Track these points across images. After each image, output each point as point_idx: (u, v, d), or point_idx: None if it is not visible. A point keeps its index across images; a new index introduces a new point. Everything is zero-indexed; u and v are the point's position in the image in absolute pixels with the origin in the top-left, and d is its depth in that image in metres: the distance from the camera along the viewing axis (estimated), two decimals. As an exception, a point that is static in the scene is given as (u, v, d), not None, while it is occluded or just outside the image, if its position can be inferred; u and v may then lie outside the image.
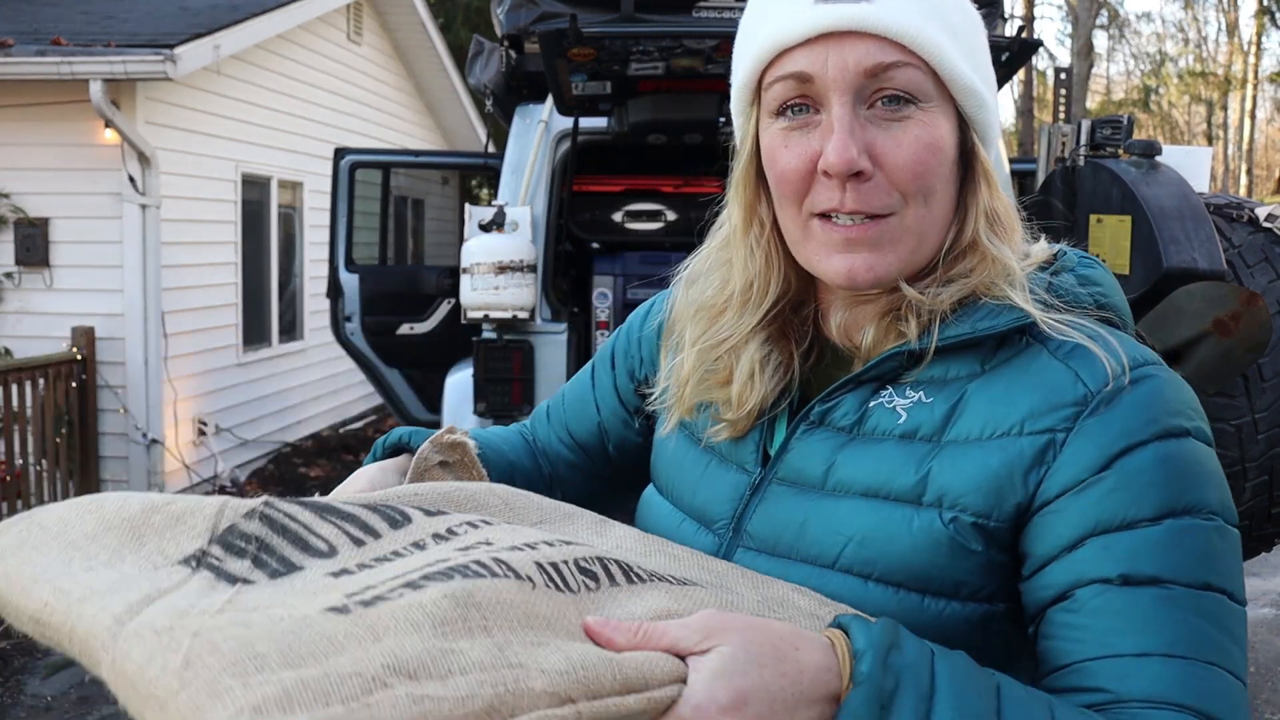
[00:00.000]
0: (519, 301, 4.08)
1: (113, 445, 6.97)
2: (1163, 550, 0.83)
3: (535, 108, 4.51)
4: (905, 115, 0.89)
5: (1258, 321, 2.69)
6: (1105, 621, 0.82)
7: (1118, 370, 0.87)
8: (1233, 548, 0.85)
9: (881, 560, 0.89)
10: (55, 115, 6.76)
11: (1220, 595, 0.83)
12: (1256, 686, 4.80)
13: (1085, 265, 0.98)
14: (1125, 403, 0.86)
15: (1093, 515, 0.84)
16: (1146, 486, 0.84)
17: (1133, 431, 0.85)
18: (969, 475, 0.87)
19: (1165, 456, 0.84)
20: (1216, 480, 0.87)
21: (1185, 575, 0.82)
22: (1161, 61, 33.58)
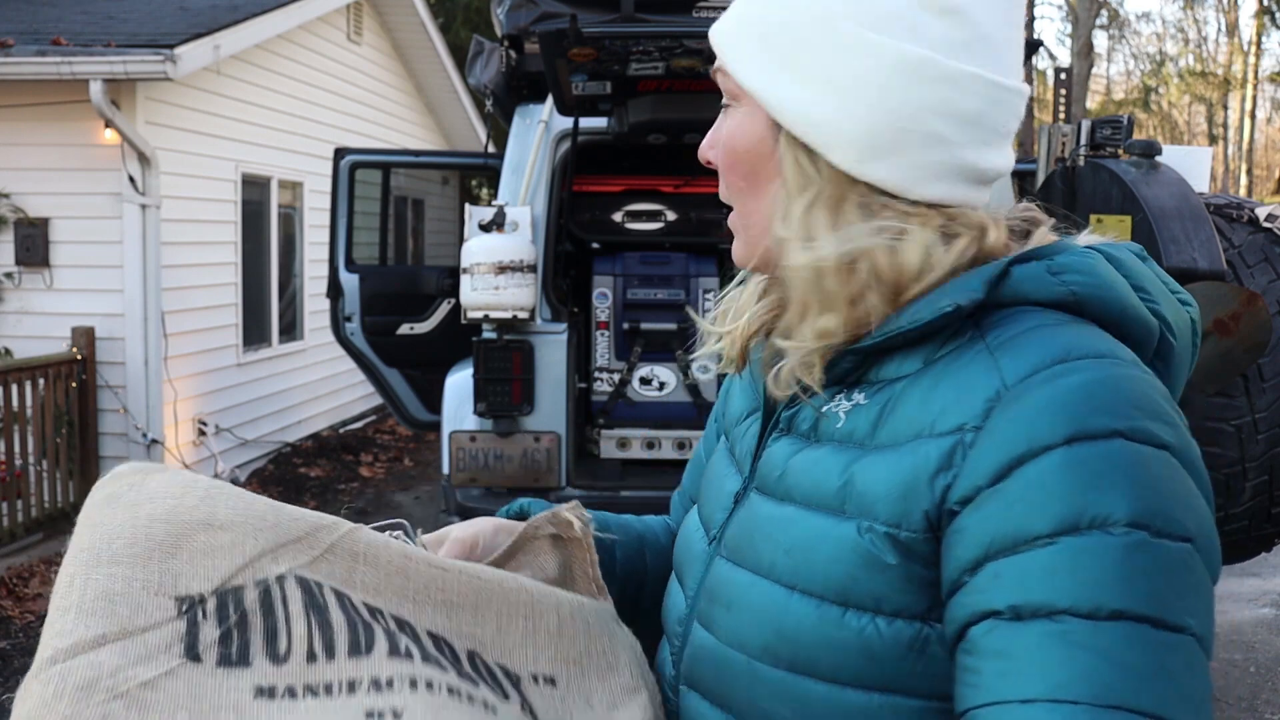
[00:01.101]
0: (519, 301, 4.08)
1: (113, 445, 6.97)
2: (1055, 575, 0.73)
3: (535, 108, 4.51)
4: (728, 113, 0.96)
5: (1257, 321, 2.69)
6: (993, 663, 0.74)
7: (1046, 361, 0.79)
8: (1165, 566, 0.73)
9: (805, 571, 0.85)
10: (55, 115, 6.77)
11: (1137, 624, 0.71)
12: (1257, 686, 4.80)
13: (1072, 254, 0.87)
14: (1039, 397, 0.77)
15: (988, 533, 0.76)
16: (1045, 499, 0.75)
17: (1039, 432, 0.76)
18: (882, 481, 0.83)
19: (1073, 462, 0.75)
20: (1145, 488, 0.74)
21: (1083, 603, 0.72)
22: (1161, 61, 33.58)
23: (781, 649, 0.86)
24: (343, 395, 10.08)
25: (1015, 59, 0.90)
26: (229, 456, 7.98)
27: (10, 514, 6.16)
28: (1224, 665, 5.01)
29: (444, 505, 4.29)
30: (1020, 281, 0.85)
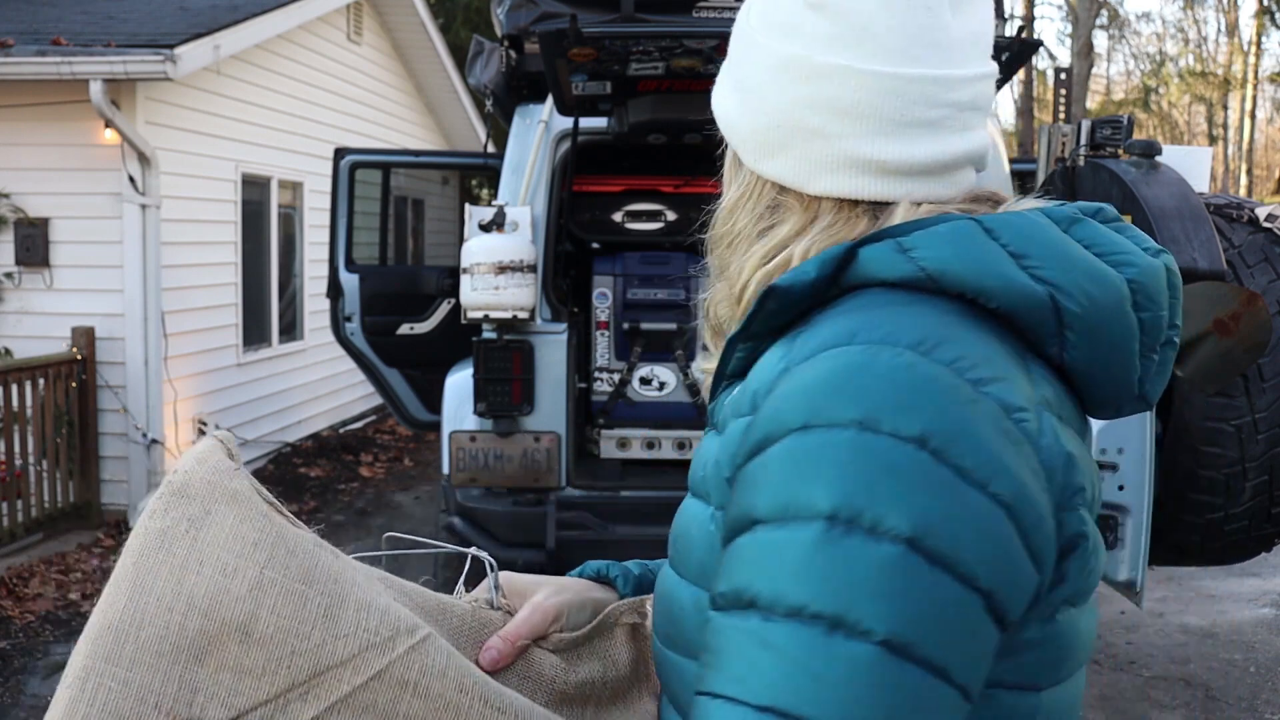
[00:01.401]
0: (519, 301, 4.08)
1: (113, 445, 6.97)
2: (749, 564, 0.72)
3: (535, 108, 4.50)
4: None
5: (1257, 321, 2.69)
6: (705, 653, 0.75)
7: (822, 345, 0.77)
8: (860, 564, 0.68)
9: (682, 557, 0.88)
10: (55, 115, 6.77)
11: (812, 622, 0.68)
12: (1257, 686, 4.80)
13: (932, 230, 0.82)
14: (796, 381, 0.76)
15: (729, 516, 0.77)
16: (763, 485, 0.74)
17: (782, 416, 0.74)
18: (712, 464, 0.84)
19: (795, 450, 0.73)
20: (857, 481, 0.70)
21: (765, 596, 0.70)
22: (1161, 61, 33.58)
23: (673, 633, 0.88)
24: (343, 395, 10.08)
25: (908, 43, 0.85)
26: (229, 456, 7.97)
27: (10, 514, 6.16)
28: (1224, 665, 5.01)
29: (444, 505, 4.29)
30: (867, 262, 0.82)
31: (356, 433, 10.08)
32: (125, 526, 6.83)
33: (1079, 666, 0.84)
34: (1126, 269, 0.83)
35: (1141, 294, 0.83)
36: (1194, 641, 5.29)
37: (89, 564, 6.15)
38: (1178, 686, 4.77)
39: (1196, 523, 3.10)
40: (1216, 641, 5.29)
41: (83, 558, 6.24)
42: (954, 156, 0.88)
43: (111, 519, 6.86)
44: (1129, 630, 5.41)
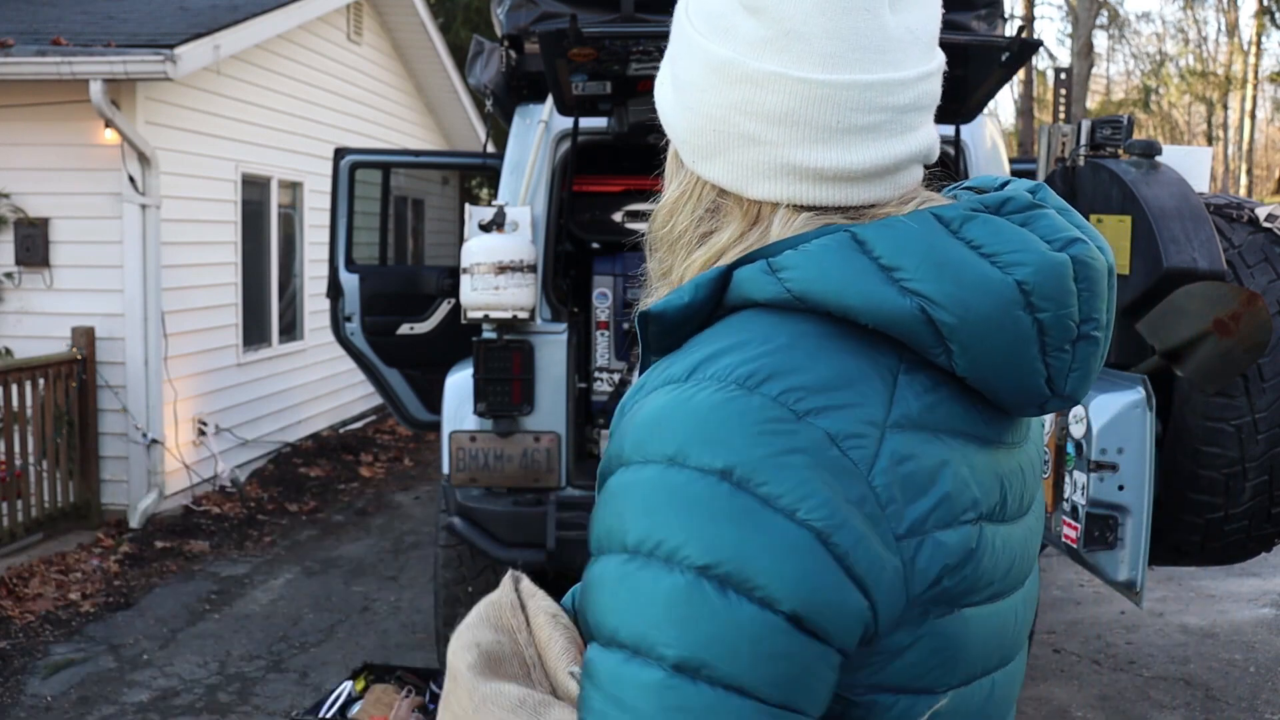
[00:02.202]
0: (519, 302, 4.07)
1: (113, 445, 6.97)
2: (587, 593, 0.79)
3: (535, 108, 4.50)
4: None
5: (1257, 321, 2.69)
6: None
7: (667, 379, 0.81)
8: (655, 595, 0.73)
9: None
10: (55, 115, 6.77)
11: (613, 650, 0.75)
12: (1257, 686, 4.80)
13: (805, 249, 0.82)
14: (634, 416, 0.81)
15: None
16: (597, 518, 0.80)
17: (617, 450, 0.80)
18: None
19: (618, 486, 0.78)
20: (655, 515, 0.74)
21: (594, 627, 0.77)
22: (1161, 61, 33.57)
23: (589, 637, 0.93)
24: (343, 395, 10.08)
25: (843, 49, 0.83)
26: (229, 456, 7.98)
27: (10, 514, 6.16)
28: (1224, 665, 5.01)
29: (444, 505, 4.29)
30: (740, 284, 0.83)
31: (356, 433, 10.08)
32: (125, 526, 6.83)
33: (992, 665, 0.85)
34: (1017, 269, 0.80)
35: (1036, 294, 0.80)
36: (1194, 641, 5.29)
37: (89, 564, 6.15)
38: (1178, 686, 4.77)
39: (1196, 523, 3.10)
40: (1216, 641, 5.29)
41: (83, 558, 6.24)
42: (896, 160, 0.86)
43: (111, 519, 6.86)
44: (1129, 630, 5.41)
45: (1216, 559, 3.35)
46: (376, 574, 6.24)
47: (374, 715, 4.05)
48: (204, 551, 6.58)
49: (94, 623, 5.39)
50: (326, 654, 5.05)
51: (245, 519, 7.28)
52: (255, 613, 5.59)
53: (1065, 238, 0.84)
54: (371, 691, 4.18)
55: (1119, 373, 3.00)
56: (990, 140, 4.44)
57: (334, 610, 5.63)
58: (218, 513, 7.32)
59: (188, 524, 7.01)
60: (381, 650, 5.04)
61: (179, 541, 6.67)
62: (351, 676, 4.31)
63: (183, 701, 4.52)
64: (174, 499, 7.26)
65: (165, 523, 6.97)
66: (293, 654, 5.05)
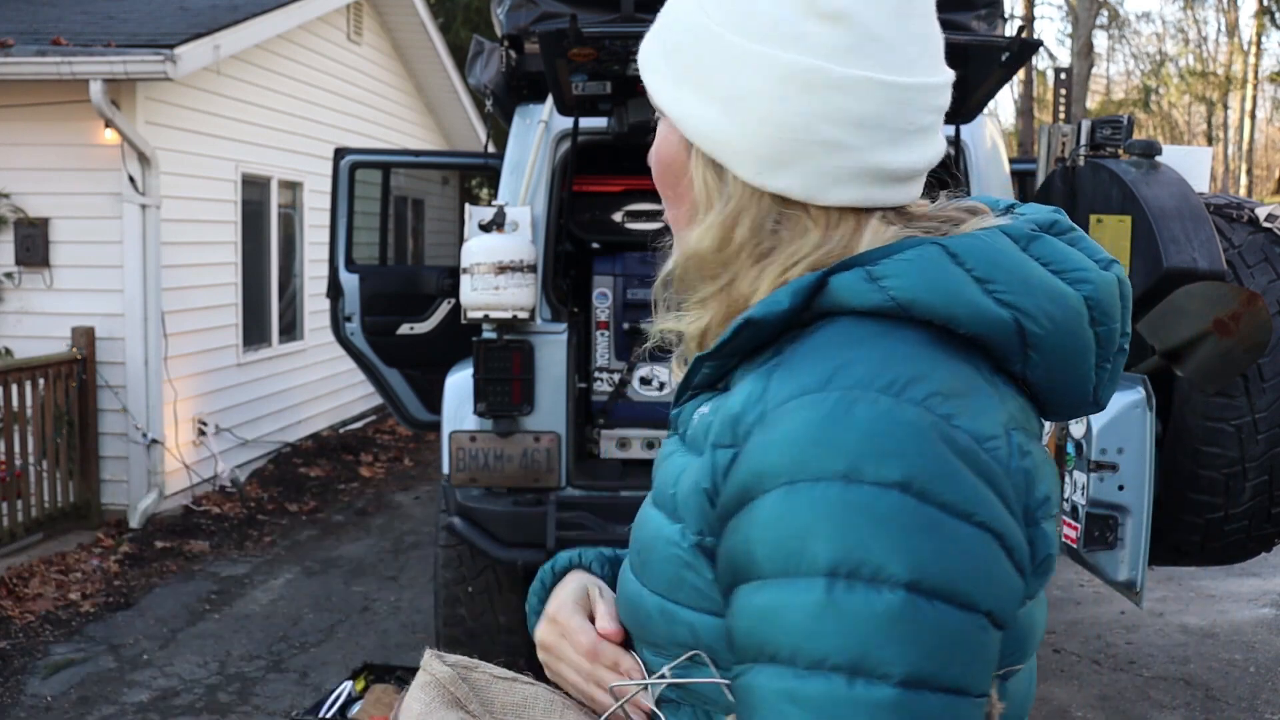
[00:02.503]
0: (519, 302, 4.07)
1: (113, 445, 6.97)
2: (764, 620, 0.76)
3: (535, 108, 4.50)
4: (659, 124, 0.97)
5: (1257, 321, 2.69)
6: (738, 706, 0.80)
7: (801, 389, 0.79)
8: (866, 615, 0.73)
9: (646, 568, 0.90)
10: (55, 115, 6.77)
11: (833, 674, 0.73)
12: (1257, 686, 4.80)
13: (901, 257, 0.83)
14: (781, 430, 0.78)
15: (730, 565, 0.80)
16: (765, 540, 0.76)
17: (771, 469, 0.77)
18: (689, 489, 0.85)
19: (789, 506, 0.76)
20: (850, 535, 0.74)
21: (784, 651, 0.75)
22: (1161, 61, 33.57)
23: (642, 635, 0.92)
24: (343, 395, 10.08)
25: (916, 52, 0.87)
26: (229, 456, 7.98)
27: (10, 514, 6.16)
28: (1224, 665, 5.01)
29: (444, 505, 4.29)
30: (837, 291, 0.84)
31: (356, 433, 10.08)
32: (125, 526, 6.83)
33: (1032, 653, 0.91)
34: (1082, 286, 0.86)
35: (1097, 310, 0.86)
36: (1194, 641, 5.29)
37: (89, 564, 6.15)
38: (1178, 686, 4.77)
39: (1196, 523, 3.10)
40: (1216, 641, 5.29)
41: (83, 558, 6.24)
42: (937, 157, 0.91)
43: (111, 519, 6.86)
44: (1129, 630, 5.41)
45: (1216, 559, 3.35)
46: (376, 574, 6.24)
47: (374, 715, 4.05)
48: (204, 551, 6.58)
49: (94, 623, 5.39)
50: (326, 654, 5.05)
51: (245, 519, 7.28)
52: (255, 613, 5.59)
53: (1105, 259, 0.90)
54: (371, 691, 4.18)
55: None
56: (990, 140, 4.44)
57: (334, 610, 5.63)
58: (218, 513, 7.32)
59: (188, 524, 7.01)
60: (381, 650, 5.04)
61: (179, 541, 6.67)
62: (351, 676, 4.31)
63: (183, 701, 4.52)
64: (174, 499, 7.26)
65: (165, 523, 6.97)
66: (293, 654, 5.05)
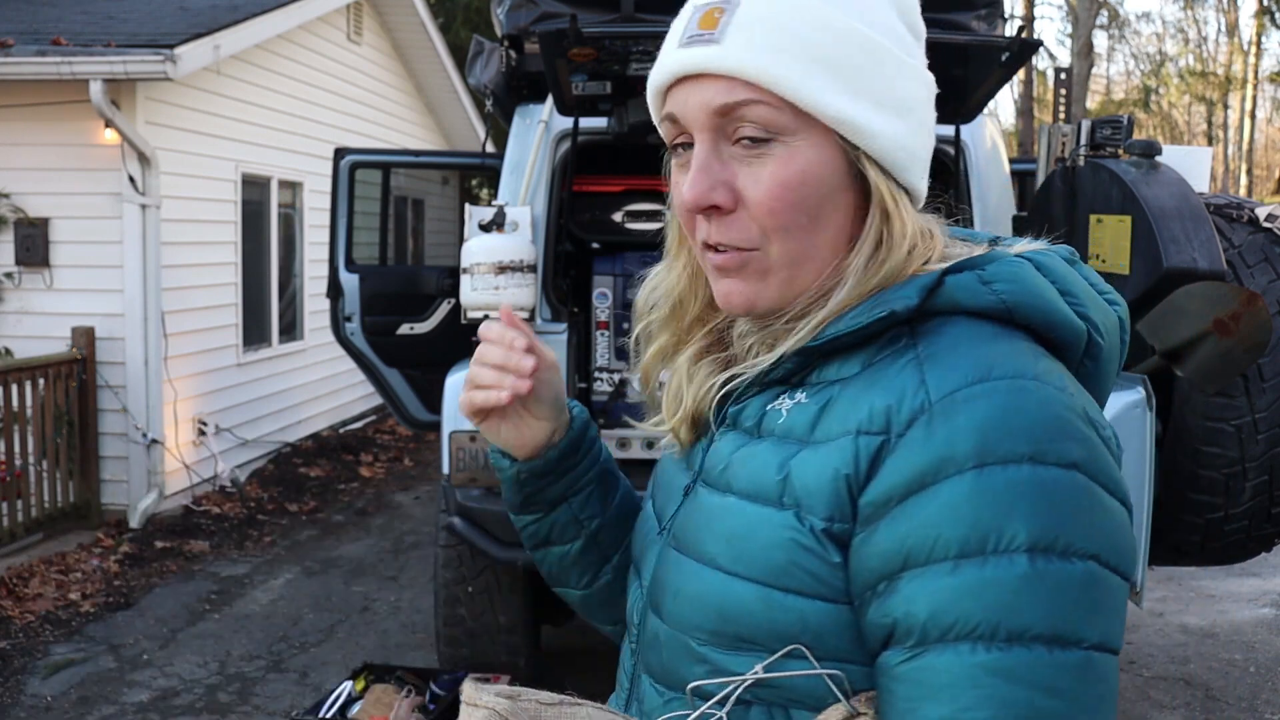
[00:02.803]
0: (519, 301, 4.07)
1: (113, 445, 6.97)
2: (959, 599, 0.78)
3: (535, 108, 4.50)
4: (763, 152, 0.91)
5: (1257, 321, 2.69)
6: (904, 687, 0.80)
7: (967, 379, 0.83)
8: (1063, 587, 0.77)
9: (744, 558, 0.89)
10: (55, 115, 6.77)
11: (1034, 645, 0.77)
12: (1257, 686, 4.80)
13: (1002, 264, 0.90)
14: (957, 418, 0.81)
15: (899, 549, 0.81)
16: (954, 522, 0.79)
17: (953, 454, 0.80)
18: (815, 475, 0.87)
19: (980, 488, 0.79)
20: (1046, 512, 0.79)
21: (985, 627, 0.77)
22: (1161, 61, 33.57)
23: (726, 630, 0.90)
24: (343, 395, 10.08)
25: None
26: (229, 456, 7.98)
27: (10, 514, 6.16)
28: (1224, 665, 5.01)
29: (444, 505, 4.28)
30: (953, 290, 0.89)
31: (356, 433, 10.08)
32: (125, 526, 6.83)
33: None
34: (1118, 306, 0.97)
35: (1124, 327, 0.97)
36: (1194, 641, 5.29)
37: (89, 564, 6.15)
38: (1178, 686, 4.77)
39: (1196, 523, 3.11)
40: (1216, 641, 5.29)
41: (83, 558, 6.24)
42: None
43: (111, 519, 6.86)
44: (1129, 630, 5.41)
45: (1216, 559, 3.35)
46: (376, 574, 6.24)
47: (374, 715, 4.05)
48: (204, 551, 6.58)
49: (94, 623, 5.39)
50: (326, 654, 5.05)
51: (245, 519, 7.28)
52: (255, 613, 5.59)
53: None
54: (371, 691, 4.18)
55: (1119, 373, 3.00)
56: (990, 140, 4.44)
57: (334, 610, 5.63)
58: (218, 513, 7.32)
59: (188, 524, 7.01)
60: (381, 650, 5.04)
61: (179, 541, 6.67)
62: (351, 676, 4.31)
63: (183, 701, 4.52)
64: (174, 499, 7.26)
65: (165, 523, 6.97)
66: (293, 654, 5.05)
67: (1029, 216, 3.89)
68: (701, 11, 0.92)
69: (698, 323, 1.06)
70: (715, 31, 0.90)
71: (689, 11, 0.94)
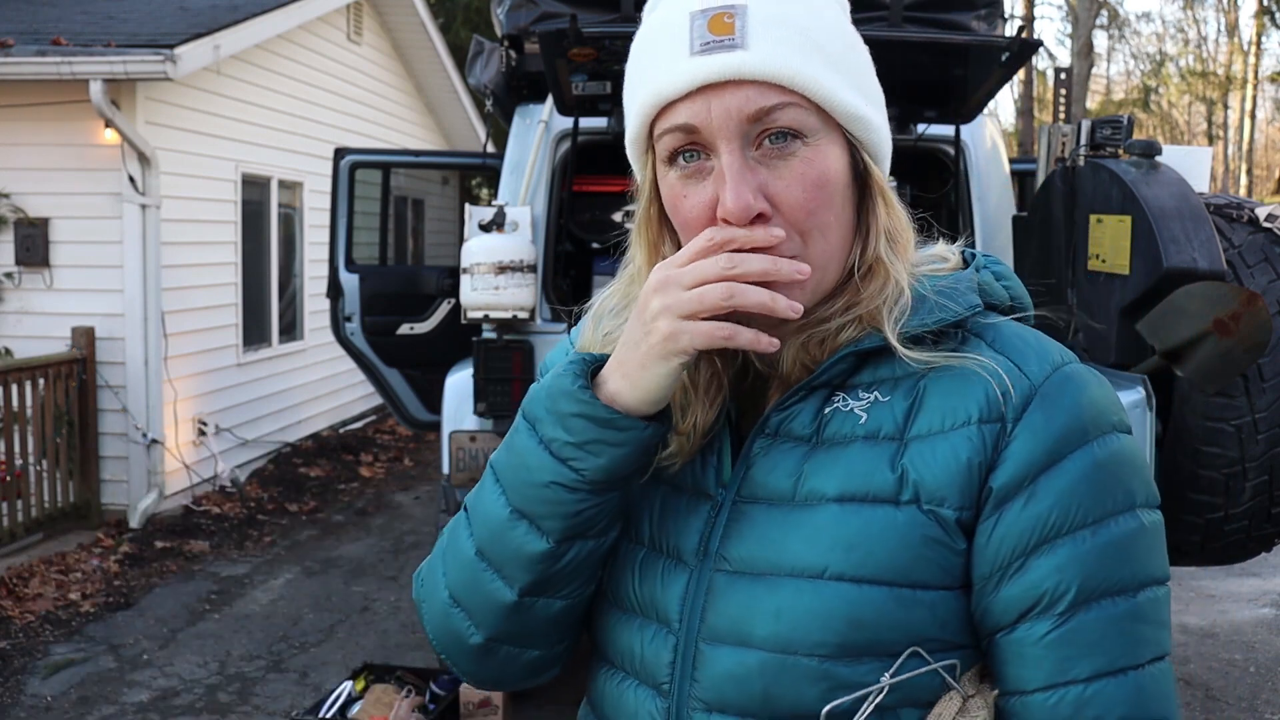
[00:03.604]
0: (519, 302, 4.07)
1: (113, 445, 6.97)
2: (1106, 560, 0.87)
3: (535, 108, 4.50)
4: (792, 152, 0.90)
5: (1257, 321, 2.69)
6: (1056, 650, 0.87)
7: (1054, 364, 0.92)
8: (1156, 532, 0.91)
9: (871, 562, 0.88)
10: (55, 115, 6.77)
11: (1154, 588, 0.89)
12: (1257, 686, 4.80)
13: (994, 263, 1.03)
14: (1063, 399, 0.90)
15: (1040, 524, 0.88)
16: (1087, 491, 0.88)
17: (1071, 432, 0.89)
18: (941, 468, 0.90)
19: (1102, 459, 0.89)
20: (1142, 471, 0.92)
21: (1127, 581, 0.88)
22: (1161, 61, 33.57)
23: (857, 639, 0.88)
24: (343, 395, 10.08)
25: None
26: (229, 456, 7.98)
27: (10, 514, 6.16)
28: (1224, 665, 5.01)
29: (444, 505, 4.28)
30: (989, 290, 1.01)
31: (356, 433, 10.08)
32: (125, 526, 6.83)
33: None
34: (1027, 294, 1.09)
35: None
36: (1194, 641, 5.29)
37: (89, 564, 6.15)
38: (1178, 686, 4.76)
39: (1196, 523, 3.10)
40: (1216, 641, 5.29)
41: (83, 558, 6.24)
42: None
43: (111, 519, 6.86)
44: (1129, 630, 5.40)
45: (1216, 559, 3.35)
46: (376, 574, 6.24)
47: (374, 715, 4.05)
48: (204, 551, 6.58)
49: (94, 623, 5.39)
50: (326, 654, 5.05)
51: (245, 519, 7.28)
52: (255, 613, 5.59)
53: None
54: (371, 691, 4.18)
55: (1119, 373, 3.00)
56: (990, 140, 4.44)
57: (334, 610, 5.63)
58: (218, 513, 7.32)
59: (188, 524, 7.01)
60: (381, 650, 5.04)
61: (179, 541, 6.67)
62: (351, 676, 4.31)
63: (183, 701, 4.52)
64: (174, 499, 7.26)
65: (165, 523, 6.97)
66: (293, 654, 5.05)
67: (1029, 216, 3.89)
68: (708, 17, 0.89)
69: None
70: (734, 36, 0.88)
71: (685, 18, 0.90)
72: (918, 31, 3.80)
